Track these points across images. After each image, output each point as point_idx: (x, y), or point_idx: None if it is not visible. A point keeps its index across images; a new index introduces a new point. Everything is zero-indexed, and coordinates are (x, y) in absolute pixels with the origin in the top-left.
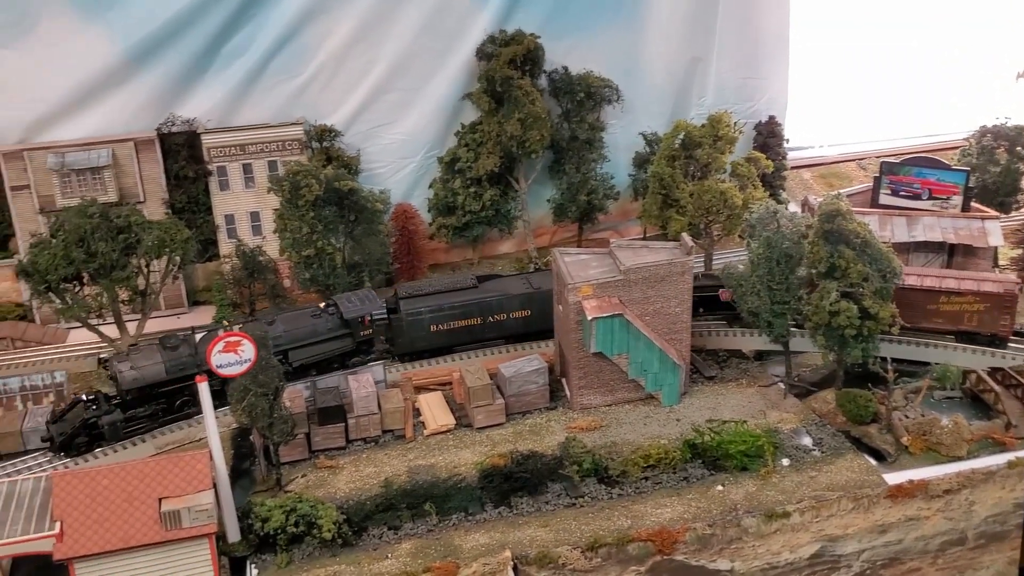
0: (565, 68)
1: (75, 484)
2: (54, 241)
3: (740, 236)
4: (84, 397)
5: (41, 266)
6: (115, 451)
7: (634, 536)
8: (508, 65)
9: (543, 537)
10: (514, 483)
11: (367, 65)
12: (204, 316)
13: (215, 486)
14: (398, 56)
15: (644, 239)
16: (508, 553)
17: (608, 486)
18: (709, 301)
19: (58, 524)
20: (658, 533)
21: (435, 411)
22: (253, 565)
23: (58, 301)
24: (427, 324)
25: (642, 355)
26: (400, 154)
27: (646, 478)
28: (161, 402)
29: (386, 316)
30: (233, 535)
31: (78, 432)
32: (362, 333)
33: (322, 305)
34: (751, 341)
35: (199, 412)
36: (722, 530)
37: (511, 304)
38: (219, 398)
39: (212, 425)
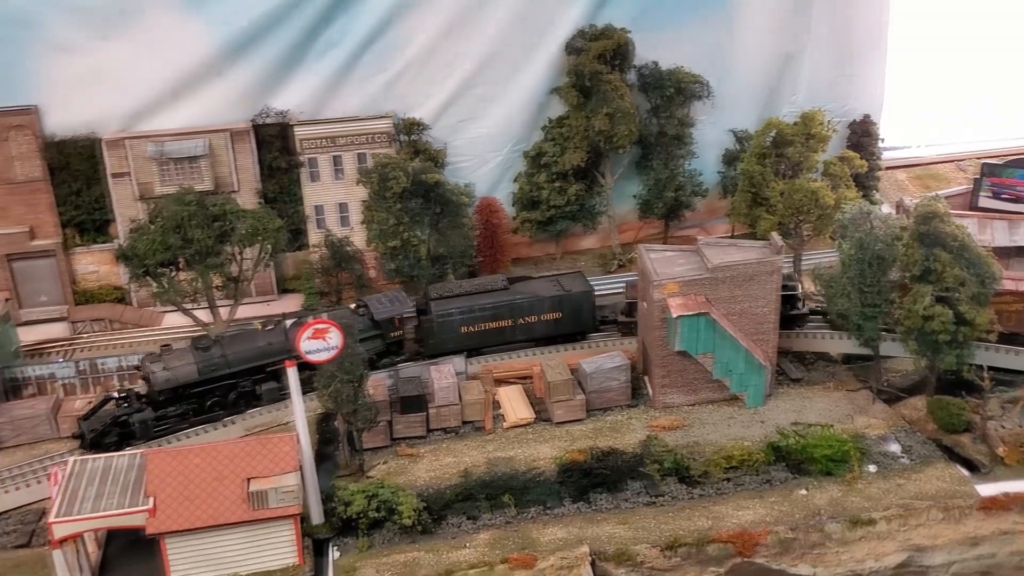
0: (655, 63)
1: (168, 462)
2: (152, 227)
3: (831, 237)
4: (115, 395)
5: (139, 251)
6: (205, 431)
7: (714, 537)
8: (597, 60)
9: (621, 534)
10: (593, 479)
11: (456, 59)
12: (292, 304)
13: (301, 469)
14: (486, 50)
15: (732, 237)
16: (586, 548)
17: (688, 486)
18: None
19: (151, 500)
20: (739, 535)
21: (515, 404)
22: (335, 547)
23: (155, 285)
24: (457, 325)
25: (727, 355)
26: (486, 148)
27: (728, 479)
28: (192, 403)
29: (416, 317)
30: (316, 517)
31: (109, 429)
32: (392, 334)
33: (353, 306)
34: (839, 344)
35: (229, 413)
36: (804, 535)
37: (541, 306)
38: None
39: (300, 409)
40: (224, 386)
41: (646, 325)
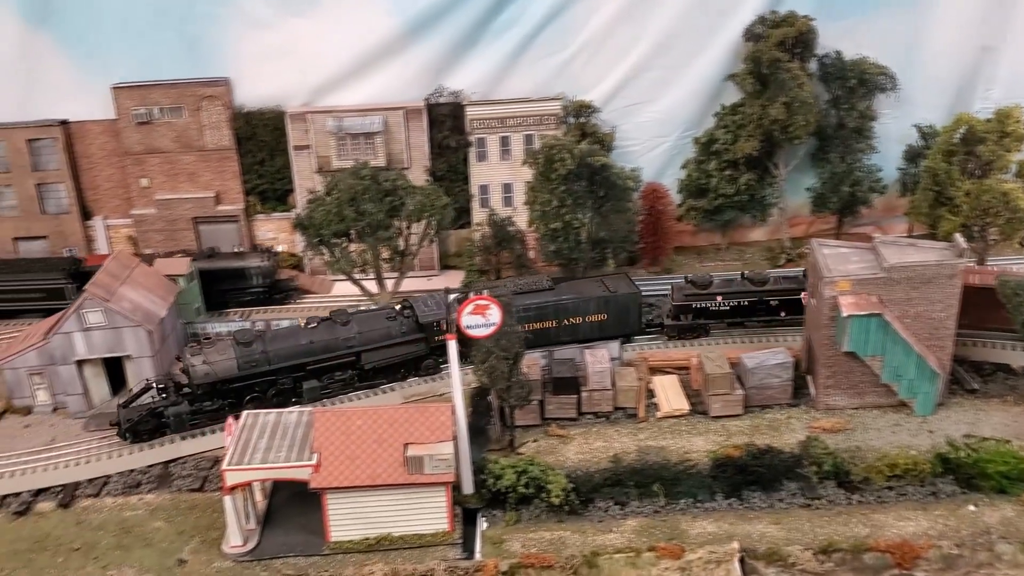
0: (838, 52)
1: (333, 421)
2: (328, 199)
3: (1020, 243)
4: (156, 384)
5: (316, 221)
6: (367, 396)
7: (872, 545)
8: (777, 47)
9: (774, 534)
10: (747, 476)
11: (631, 42)
12: (453, 280)
13: (455, 439)
14: (663, 34)
15: (911, 237)
16: (736, 544)
17: (847, 491)
18: (790, 304)
19: (316, 456)
20: (899, 546)
21: (669, 394)
22: (483, 518)
23: (328, 254)
24: None
25: (898, 359)
26: (655, 132)
27: (890, 488)
28: (230, 398)
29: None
30: (467, 487)
31: (144, 419)
32: (437, 338)
33: (398, 307)
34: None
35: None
36: (971, 553)
37: (587, 307)
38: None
39: (457, 381)
40: (264, 383)
41: (813, 322)
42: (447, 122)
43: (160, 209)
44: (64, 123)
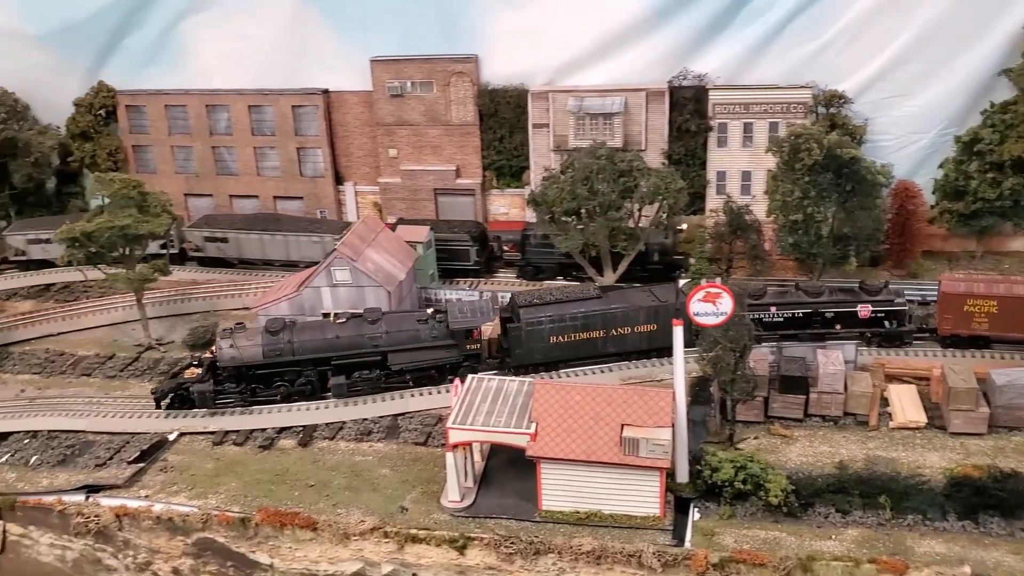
0: None
1: (552, 394)
2: (563, 177)
3: None
4: (196, 361)
5: (549, 198)
6: (584, 375)
7: None
8: None
9: (1011, 564)
10: (987, 499)
11: (893, 31)
12: None
13: (674, 426)
14: (930, 24)
15: None
16: (967, 569)
17: None
18: (846, 317)
19: (534, 425)
20: None
21: (905, 404)
22: (696, 509)
23: (558, 232)
24: (546, 335)
25: None
26: (911, 128)
27: None
28: (257, 384)
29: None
30: (682, 476)
31: (173, 391)
32: (469, 346)
33: (430, 311)
34: None
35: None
36: None
37: (636, 317)
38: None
39: (681, 369)
40: (290, 372)
41: None
42: (689, 105)
43: (405, 179)
44: (325, 92)
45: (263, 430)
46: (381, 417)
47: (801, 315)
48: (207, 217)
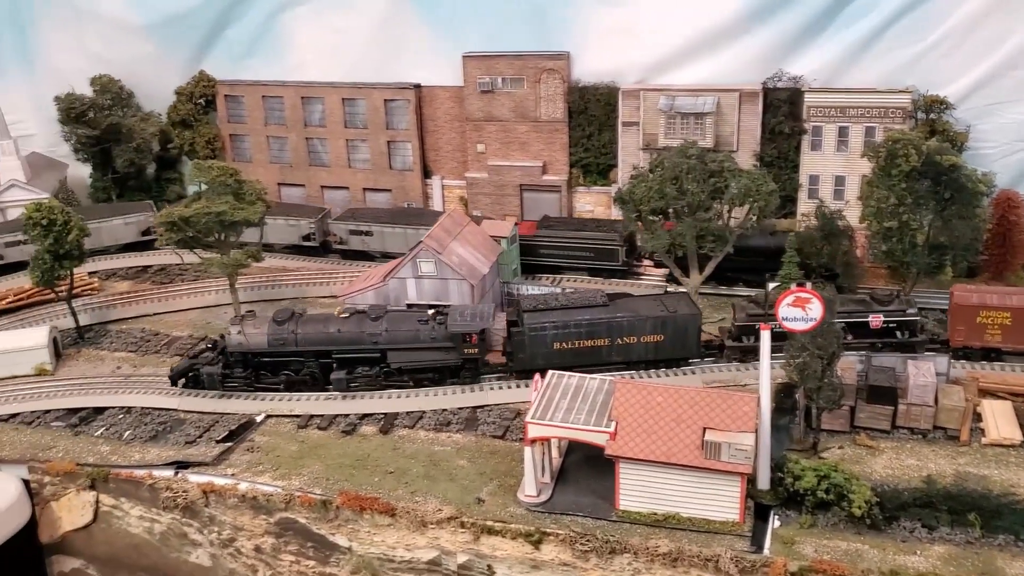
0: None
1: (634, 393)
2: (651, 176)
3: None
4: (211, 344)
5: (636, 196)
6: (666, 376)
7: None
8: None
9: None
10: None
11: (1001, 36)
12: None
13: (757, 431)
14: None
15: None
16: None
17: None
18: (857, 327)
19: (614, 424)
20: None
21: (999, 420)
22: (776, 516)
23: (644, 231)
24: (550, 341)
25: None
26: (1017, 136)
27: None
28: (264, 371)
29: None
30: (763, 482)
31: (185, 372)
32: (466, 351)
33: (431, 312)
34: None
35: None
36: None
37: (643, 327)
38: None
39: (767, 374)
40: (294, 363)
41: None
42: (783, 108)
43: (491, 174)
44: (417, 87)
45: (346, 416)
46: (460, 409)
47: None
48: (352, 210)
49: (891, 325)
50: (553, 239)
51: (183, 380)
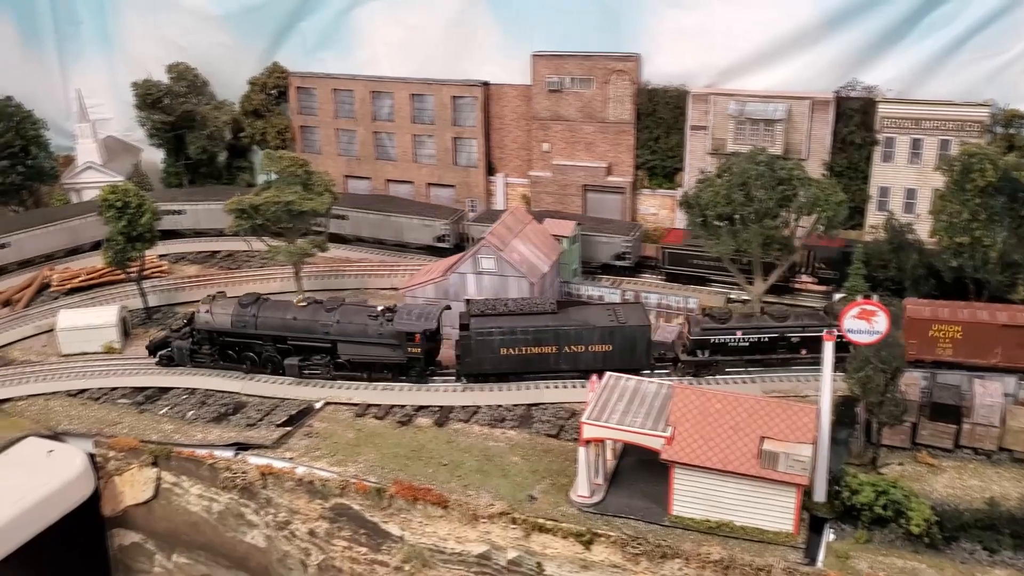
0: None
1: (692, 399)
2: (719, 181)
3: None
4: (186, 321)
5: (703, 201)
6: (725, 383)
7: None
8: None
9: None
10: None
11: None
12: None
13: (815, 443)
14: None
15: None
16: None
17: None
18: (811, 342)
19: (670, 429)
20: None
21: None
22: (832, 529)
23: (709, 236)
24: (496, 346)
25: None
26: None
27: None
28: (230, 350)
29: (433, 337)
30: (819, 495)
31: (162, 345)
32: (409, 350)
33: (380, 308)
34: None
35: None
36: None
37: (591, 336)
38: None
39: (828, 386)
40: (256, 345)
41: None
42: (855, 117)
43: (555, 173)
44: (485, 84)
45: (403, 406)
46: (515, 406)
47: (767, 339)
48: (489, 212)
49: (844, 340)
50: (704, 250)
51: (160, 352)
